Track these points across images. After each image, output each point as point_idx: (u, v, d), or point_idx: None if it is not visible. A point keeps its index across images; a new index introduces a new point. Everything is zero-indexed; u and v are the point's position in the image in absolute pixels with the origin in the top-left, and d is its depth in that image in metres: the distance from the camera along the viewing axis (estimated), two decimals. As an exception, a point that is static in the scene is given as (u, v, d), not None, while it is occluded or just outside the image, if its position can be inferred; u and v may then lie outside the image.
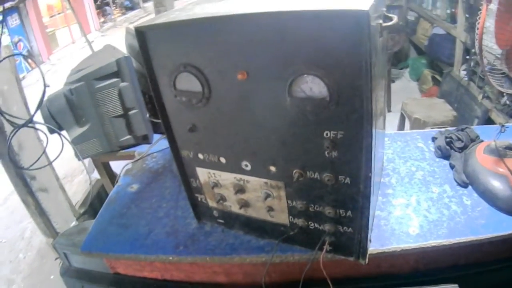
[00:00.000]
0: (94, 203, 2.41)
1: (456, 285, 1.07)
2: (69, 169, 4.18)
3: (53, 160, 1.93)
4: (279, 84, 0.81)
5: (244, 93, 0.86)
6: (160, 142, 1.75)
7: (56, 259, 1.53)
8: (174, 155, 1.08)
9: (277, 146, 0.90)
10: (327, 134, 0.83)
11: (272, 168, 0.95)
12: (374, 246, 1.07)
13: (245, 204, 1.07)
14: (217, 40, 0.83)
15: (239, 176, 1.02)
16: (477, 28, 1.14)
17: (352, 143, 0.82)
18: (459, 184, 1.28)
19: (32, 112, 1.72)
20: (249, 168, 0.98)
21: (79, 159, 1.80)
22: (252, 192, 1.03)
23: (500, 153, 1.23)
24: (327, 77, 0.76)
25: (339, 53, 0.73)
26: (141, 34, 0.91)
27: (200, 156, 1.04)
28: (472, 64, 3.85)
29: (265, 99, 0.85)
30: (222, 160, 1.01)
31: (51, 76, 8.01)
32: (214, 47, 0.84)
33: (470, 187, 1.27)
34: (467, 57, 3.94)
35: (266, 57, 0.80)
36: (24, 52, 8.58)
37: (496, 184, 1.18)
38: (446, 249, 1.08)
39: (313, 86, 0.79)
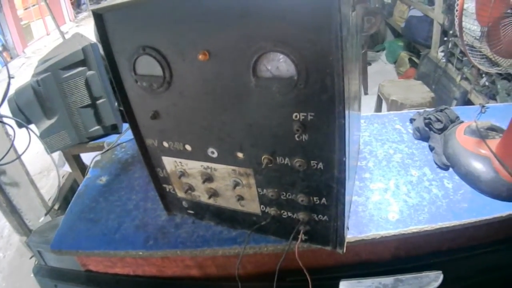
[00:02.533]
0: (68, 197, 2.36)
1: (440, 271, 1.05)
2: (44, 163, 4.11)
3: (21, 155, 1.87)
4: (243, 64, 0.75)
5: (207, 75, 0.81)
6: (129, 132, 1.68)
7: (31, 257, 1.47)
8: (138, 144, 1.02)
9: (243, 131, 0.85)
10: (296, 116, 0.77)
11: (240, 155, 0.90)
12: (352, 234, 1.03)
13: (214, 194, 1.02)
14: (175, 18, 0.77)
15: (206, 164, 0.96)
16: (457, 5, 1.10)
17: (323, 125, 0.77)
18: (439, 167, 1.25)
19: (-1, 106, 1.67)
20: (215, 155, 0.93)
21: (48, 153, 1.74)
22: (221, 180, 0.98)
23: (482, 134, 1.19)
24: (294, 54, 0.70)
25: (307, 27, 0.67)
26: (98, 17, 0.85)
27: (165, 144, 0.98)
28: (450, 45, 3.87)
29: (229, 81, 0.79)
30: (188, 147, 0.96)
31: (27, 69, 7.91)
32: (173, 26, 0.78)
33: (451, 169, 1.23)
34: (445, 38, 3.95)
35: (228, 35, 0.74)
36: (-1, 46, 8.48)
37: (479, 166, 1.15)
38: (428, 234, 1.05)
39: (279, 65, 0.73)
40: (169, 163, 1.03)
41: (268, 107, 0.79)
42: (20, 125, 1.73)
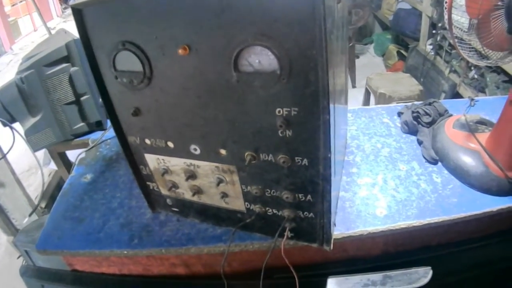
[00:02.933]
0: (55, 195, 2.34)
1: (429, 267, 1.04)
2: (33, 161, 4.05)
3: (6, 154, 1.84)
4: (224, 58, 0.73)
5: (187, 71, 0.79)
6: (113, 128, 1.68)
7: (18, 257, 1.45)
8: (120, 142, 1.00)
9: (226, 127, 0.83)
10: (279, 112, 0.76)
11: (223, 151, 0.88)
12: (339, 230, 1.02)
13: (198, 191, 1.00)
14: (154, 13, 0.75)
15: (188, 161, 0.95)
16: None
17: (307, 120, 0.75)
18: (428, 161, 1.24)
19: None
20: (198, 152, 0.91)
21: (32, 152, 1.72)
22: (204, 177, 0.96)
23: (471, 128, 1.19)
24: (276, 47, 0.68)
25: (289, 19, 0.65)
26: (77, 12, 0.83)
27: (147, 141, 0.96)
28: (438, 38, 3.87)
29: (210, 76, 0.77)
30: (170, 144, 0.94)
31: (14, 65, 7.84)
32: (152, 21, 0.76)
33: (439, 163, 1.22)
34: (434, 31, 3.95)
35: (209, 28, 0.72)
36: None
37: (468, 160, 1.14)
38: (417, 230, 1.04)
39: (261, 58, 0.71)
40: (152, 161, 1.01)
41: (251, 102, 0.77)
42: (4, 124, 1.71)
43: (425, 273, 1.05)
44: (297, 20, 0.65)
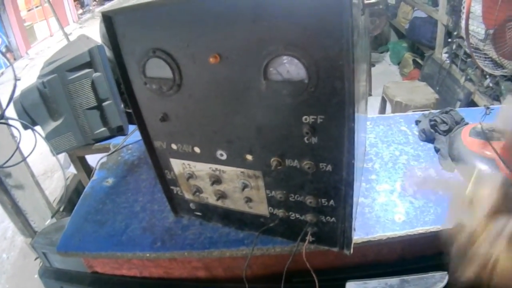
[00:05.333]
0: (73, 198, 2.36)
1: (445, 272, 1.04)
2: (48, 164, 4.11)
3: (27, 157, 1.86)
4: (254, 67, 0.75)
5: (217, 78, 0.81)
6: (135, 133, 1.70)
7: (35, 259, 1.48)
8: (146, 146, 1.02)
9: (253, 133, 0.85)
10: (306, 119, 0.78)
11: (249, 157, 0.90)
12: (358, 235, 1.03)
13: (222, 196, 1.02)
14: (186, 22, 0.77)
15: (214, 166, 0.97)
16: (463, 7, 1.11)
17: (333, 128, 0.77)
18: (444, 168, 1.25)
19: (4, 108, 1.67)
20: (224, 157, 0.93)
21: (54, 155, 1.74)
22: (229, 182, 0.98)
23: (487, 136, 1.20)
24: (305, 57, 0.71)
25: (318, 31, 0.68)
26: (108, 19, 0.85)
27: (174, 146, 0.99)
28: (454, 47, 3.86)
29: (239, 84, 0.80)
30: (196, 150, 0.96)
31: (30, 70, 7.91)
32: (184, 29, 0.78)
33: (456, 171, 1.23)
34: (449, 40, 3.94)
35: (239, 38, 0.74)
36: (2, 48, 8.48)
37: (484, 168, 1.15)
38: (434, 236, 1.04)
39: (290, 68, 0.73)
40: (177, 165, 1.03)
41: (278, 110, 0.79)
42: (25, 127, 1.73)
43: (441, 278, 1.06)
44: (325, 32, 0.67)
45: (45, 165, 4.08)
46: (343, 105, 0.73)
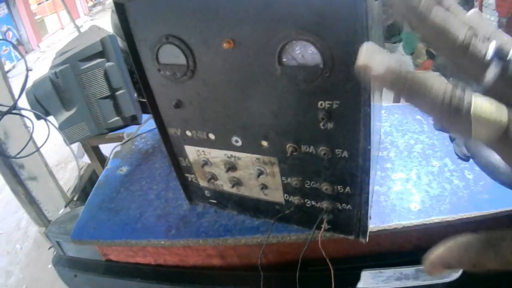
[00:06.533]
0: (87, 188, 2.37)
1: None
2: (62, 154, 4.15)
3: (40, 147, 1.88)
4: (268, 52, 0.75)
5: (231, 64, 0.80)
6: (149, 122, 1.71)
7: (49, 248, 1.49)
8: (161, 134, 1.02)
9: (268, 119, 0.85)
10: (321, 105, 0.77)
11: (264, 143, 0.89)
12: (374, 224, 1.03)
13: (237, 183, 1.02)
14: (199, 7, 0.76)
15: (229, 152, 0.96)
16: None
17: (348, 113, 0.76)
18: (460, 158, 1.24)
19: (16, 98, 1.68)
20: (239, 143, 0.93)
21: (67, 144, 1.75)
22: (244, 169, 0.98)
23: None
24: (320, 42, 0.69)
25: (333, 15, 0.66)
26: (120, 6, 0.84)
27: (188, 133, 0.98)
28: (468, 37, 3.83)
29: (253, 69, 0.79)
30: (211, 136, 0.95)
31: (41, 63, 7.96)
32: (197, 15, 0.78)
33: (471, 160, 1.22)
34: (463, 30, 3.91)
35: (253, 23, 0.73)
36: (14, 41, 8.54)
37: (498, 158, 1.14)
38: (449, 225, 1.04)
39: (305, 53, 0.72)
40: (192, 152, 1.03)
41: (293, 95, 0.78)
42: (38, 117, 1.74)
43: (456, 268, 1.05)
44: (340, 16, 0.66)
45: (59, 156, 4.11)
46: (358, 90, 0.72)
